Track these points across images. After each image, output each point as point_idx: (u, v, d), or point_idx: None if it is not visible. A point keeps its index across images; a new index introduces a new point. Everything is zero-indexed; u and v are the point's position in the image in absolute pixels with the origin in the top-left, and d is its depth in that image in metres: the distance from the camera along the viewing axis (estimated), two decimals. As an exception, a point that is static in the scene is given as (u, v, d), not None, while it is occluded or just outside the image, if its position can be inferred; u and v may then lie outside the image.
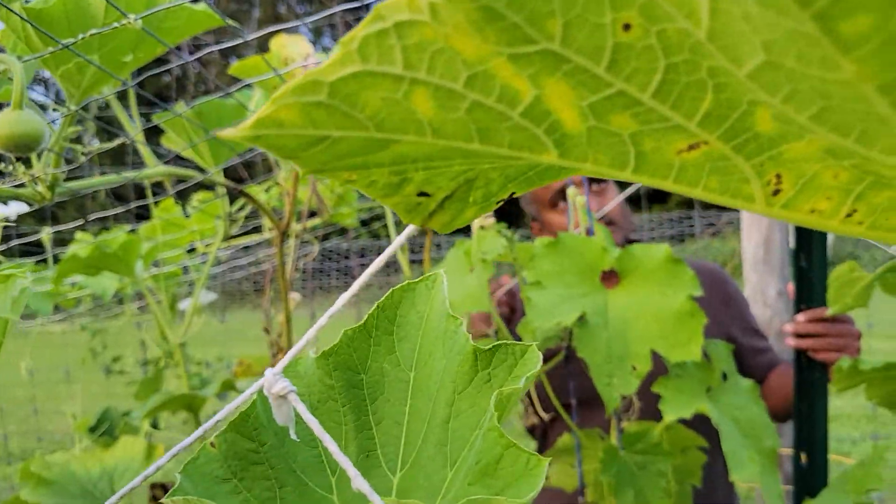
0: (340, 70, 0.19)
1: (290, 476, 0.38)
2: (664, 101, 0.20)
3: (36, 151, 0.66)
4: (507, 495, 0.32)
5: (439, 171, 0.24)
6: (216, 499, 0.36)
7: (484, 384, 0.37)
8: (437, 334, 0.40)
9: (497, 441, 0.32)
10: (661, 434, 1.00)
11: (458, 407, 0.37)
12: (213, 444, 0.38)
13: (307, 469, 0.38)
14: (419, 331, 0.41)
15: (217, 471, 0.37)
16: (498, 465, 0.32)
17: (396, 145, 0.21)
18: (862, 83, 0.17)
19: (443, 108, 0.20)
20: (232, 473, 0.37)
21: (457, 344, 0.38)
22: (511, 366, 0.37)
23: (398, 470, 0.39)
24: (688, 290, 0.97)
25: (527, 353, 0.37)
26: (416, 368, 0.41)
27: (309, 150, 0.21)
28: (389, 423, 0.40)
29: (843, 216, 0.23)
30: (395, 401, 0.40)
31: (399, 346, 0.41)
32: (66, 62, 0.83)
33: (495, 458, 0.32)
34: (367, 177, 0.23)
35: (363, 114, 0.20)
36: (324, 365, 0.40)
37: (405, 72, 0.19)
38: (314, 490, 0.38)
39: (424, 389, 0.40)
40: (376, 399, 0.40)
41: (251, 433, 0.37)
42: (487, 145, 0.21)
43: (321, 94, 0.19)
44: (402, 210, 0.25)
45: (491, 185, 0.26)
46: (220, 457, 0.37)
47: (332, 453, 0.26)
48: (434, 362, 0.40)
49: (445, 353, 0.39)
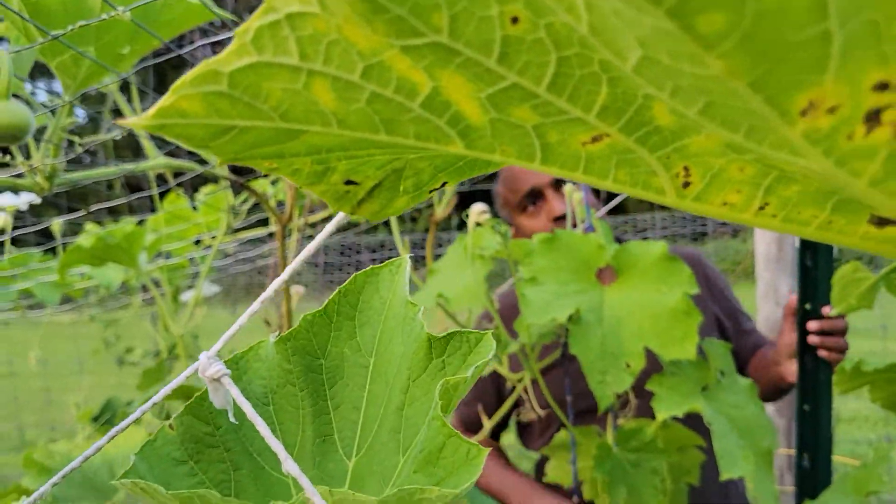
0: (237, 61, 0.19)
1: (247, 459, 0.39)
2: (560, 94, 0.20)
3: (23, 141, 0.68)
4: (447, 484, 0.32)
5: (361, 160, 0.25)
6: (172, 480, 0.37)
7: (438, 371, 0.38)
8: (397, 320, 0.41)
9: (440, 430, 0.32)
10: (655, 432, 1.00)
11: (413, 394, 0.38)
12: (172, 427, 0.39)
13: (263, 452, 0.39)
14: (381, 316, 0.42)
15: (174, 453, 0.38)
16: (440, 453, 0.32)
17: (306, 135, 0.22)
18: (732, 80, 0.17)
19: (343, 100, 0.20)
20: (188, 456, 0.38)
21: (414, 331, 0.39)
22: (465, 354, 0.37)
23: (353, 455, 0.39)
24: (684, 287, 0.97)
25: (481, 341, 0.37)
26: (376, 354, 0.41)
27: (217, 139, 0.21)
28: (347, 408, 0.40)
29: (755, 209, 0.24)
30: (353, 386, 0.41)
31: (360, 331, 0.42)
32: (61, 53, 0.84)
33: (438, 447, 0.32)
34: (289, 165, 0.24)
35: (267, 104, 0.20)
36: (282, 350, 0.41)
37: (302, 63, 0.19)
38: (269, 473, 0.39)
39: (383, 375, 0.40)
40: (335, 384, 0.41)
41: (207, 416, 0.38)
42: (393, 136, 0.21)
43: (221, 85, 0.20)
44: (330, 198, 0.26)
45: (421, 174, 0.26)
46: (178, 439, 0.38)
47: (264, 436, 0.27)
48: (393, 348, 0.40)
49: (404, 339, 0.40)
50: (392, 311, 0.41)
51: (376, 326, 0.42)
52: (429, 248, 1.50)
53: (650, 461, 1.04)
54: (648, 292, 1.00)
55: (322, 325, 0.41)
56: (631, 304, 0.99)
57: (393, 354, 0.40)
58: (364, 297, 0.43)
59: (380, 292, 0.42)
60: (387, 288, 0.42)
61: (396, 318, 0.41)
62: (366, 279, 0.43)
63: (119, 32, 0.86)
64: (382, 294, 0.42)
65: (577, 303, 0.98)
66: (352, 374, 0.41)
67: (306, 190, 0.25)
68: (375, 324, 0.42)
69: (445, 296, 1.17)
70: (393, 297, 0.42)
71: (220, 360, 0.28)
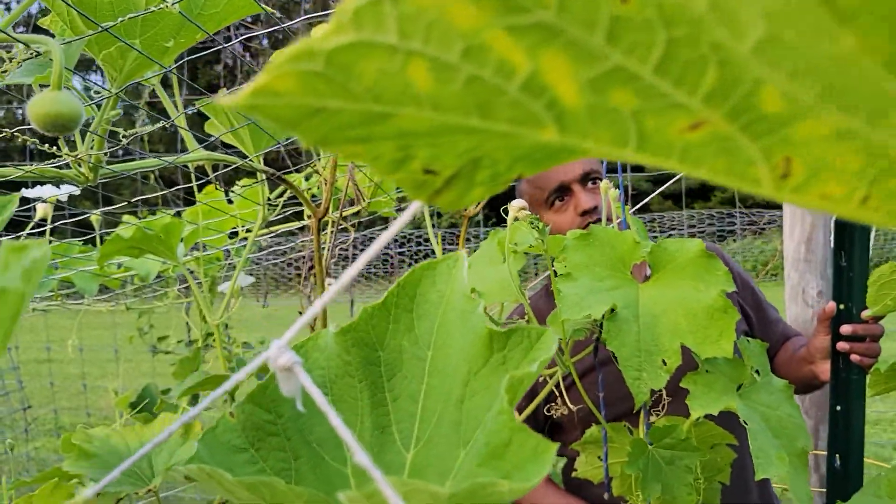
0: (335, 39, 0.19)
1: (306, 448, 0.38)
2: (666, 76, 0.19)
3: (73, 132, 0.68)
4: (515, 479, 0.32)
5: (444, 147, 0.24)
6: (232, 468, 0.37)
7: (499, 366, 0.37)
8: (456, 314, 0.40)
9: (506, 424, 0.32)
10: (689, 430, 0.99)
11: (473, 387, 0.37)
12: (233, 414, 0.39)
13: (323, 442, 0.39)
14: (438, 309, 0.42)
15: (234, 441, 0.38)
16: (507, 448, 0.32)
17: (396, 119, 0.21)
18: (865, 57, 0.16)
19: (440, 82, 0.20)
20: (249, 444, 0.38)
21: (474, 324, 0.39)
22: (526, 349, 0.37)
23: (412, 447, 0.39)
24: (721, 285, 0.96)
25: (542, 337, 0.37)
26: (433, 347, 0.41)
27: (307, 120, 0.21)
28: (405, 401, 0.40)
29: (857, 202, 0.23)
30: (411, 378, 0.40)
31: (418, 324, 0.42)
32: (107, 46, 0.85)
33: (504, 441, 0.32)
34: (373, 150, 0.24)
35: (361, 85, 0.20)
36: (342, 341, 0.41)
37: (401, 42, 0.19)
38: (329, 463, 0.39)
39: (441, 368, 0.40)
40: (393, 376, 0.41)
41: (269, 405, 0.38)
42: (486, 121, 0.21)
43: (318, 64, 0.19)
44: (408, 186, 0.26)
45: (498, 165, 0.26)
46: (239, 427, 0.38)
47: (335, 427, 0.26)
48: (452, 342, 0.40)
49: (463, 333, 0.39)
50: (450, 305, 0.41)
51: (433, 319, 0.41)
52: (461, 243, 1.50)
53: (684, 458, 1.03)
54: (685, 289, 0.99)
55: (381, 317, 0.41)
56: (667, 301, 0.98)
57: (452, 348, 0.40)
58: (421, 289, 0.42)
59: (437, 286, 0.42)
60: (444, 281, 0.42)
61: (455, 312, 0.40)
62: (423, 272, 0.43)
63: (164, 26, 0.87)
64: (440, 287, 0.42)
65: (613, 299, 0.97)
66: (410, 366, 0.41)
67: (384, 177, 0.25)
68: (433, 317, 0.41)
69: (478, 290, 1.16)
70: (451, 291, 0.41)
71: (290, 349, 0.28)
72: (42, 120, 0.62)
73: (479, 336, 0.38)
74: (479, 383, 0.38)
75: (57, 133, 0.65)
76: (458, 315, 0.40)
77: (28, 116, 0.63)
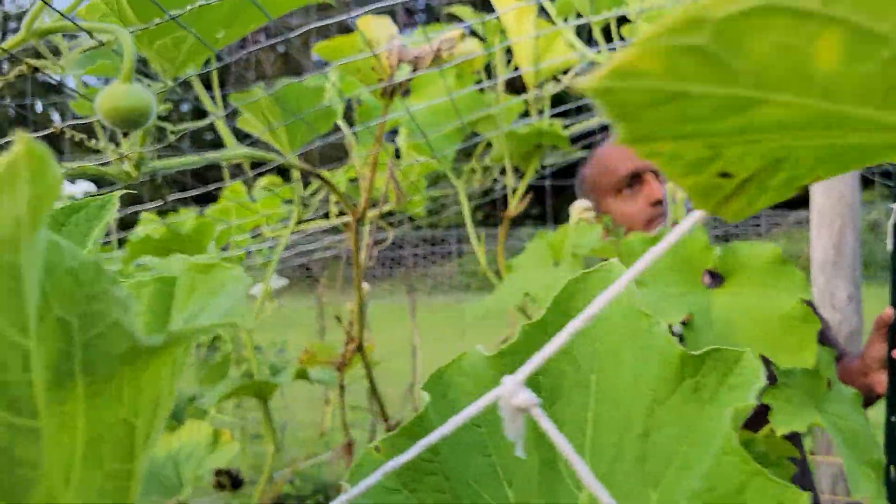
0: (729, 5, 0.14)
1: (465, 488, 0.34)
2: None
3: (143, 127, 0.63)
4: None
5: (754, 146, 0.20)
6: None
7: (691, 394, 0.32)
8: (622, 333, 0.36)
9: (738, 467, 0.27)
10: (764, 443, 0.94)
11: (660, 418, 0.33)
12: (378, 449, 0.34)
13: (481, 480, 0.34)
14: (596, 329, 0.37)
15: (386, 482, 0.33)
16: (739, 495, 0.27)
17: (759, 108, 0.17)
18: None
19: (852, 59, 0.15)
20: (402, 484, 0.33)
21: (652, 345, 0.34)
22: (723, 374, 0.32)
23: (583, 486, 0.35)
24: (798, 292, 0.91)
25: (741, 360, 0.32)
26: (597, 371, 0.36)
27: (653, 109, 0.16)
28: (571, 431, 0.35)
29: None
30: (575, 406, 0.36)
31: (575, 345, 0.37)
32: (162, 36, 0.80)
33: (735, 487, 0.27)
34: (681, 148, 0.19)
35: (743, 64, 0.15)
36: (498, 364, 0.36)
37: (824, 6, 0.14)
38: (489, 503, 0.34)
39: (611, 395, 0.35)
40: (554, 402, 0.36)
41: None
42: (884, 111, 0.16)
43: (703, 36, 0.15)
44: (697, 193, 0.21)
45: (799, 166, 0.21)
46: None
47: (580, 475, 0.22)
48: (621, 365, 0.35)
49: (636, 354, 0.35)
50: (612, 323, 0.36)
51: (593, 339, 0.37)
52: (500, 244, 1.46)
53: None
54: (760, 297, 0.94)
55: (537, 336, 0.36)
56: (741, 308, 0.94)
57: (622, 372, 0.35)
58: (574, 305, 0.38)
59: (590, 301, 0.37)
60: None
61: (621, 331, 0.36)
62: (575, 286, 0.38)
63: (215, 17, 0.82)
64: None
65: (686, 305, 0.92)
66: (572, 392, 0.36)
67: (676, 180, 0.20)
68: (592, 337, 0.37)
69: (531, 294, 1.12)
70: (611, 307, 0.37)
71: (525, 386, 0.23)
72: (113, 114, 0.57)
73: (665, 359, 0.33)
74: (668, 413, 0.33)
75: (125, 128, 0.60)
76: (627, 334, 0.36)
77: (97, 110, 0.58)
